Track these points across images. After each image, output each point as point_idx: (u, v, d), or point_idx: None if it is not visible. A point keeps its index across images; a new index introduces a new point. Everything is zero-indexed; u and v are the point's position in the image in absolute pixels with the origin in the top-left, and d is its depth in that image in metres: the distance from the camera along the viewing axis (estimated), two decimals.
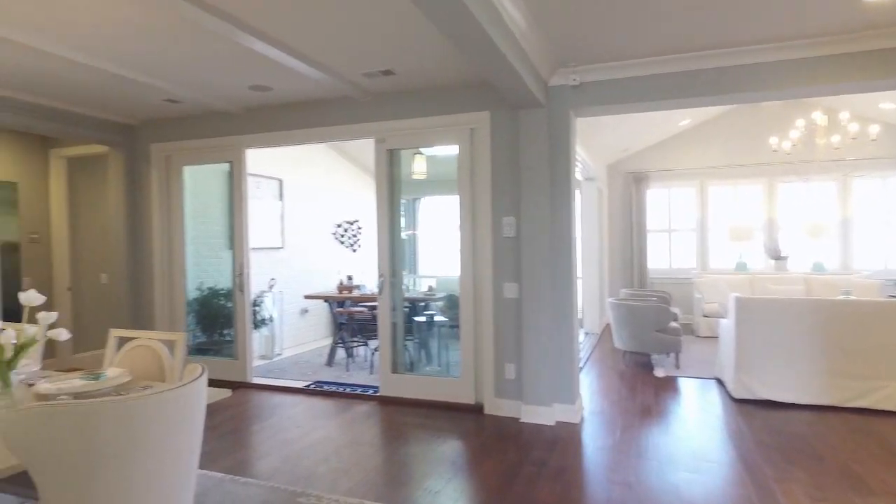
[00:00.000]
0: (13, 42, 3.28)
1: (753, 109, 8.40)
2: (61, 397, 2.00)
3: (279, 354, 6.74)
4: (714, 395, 4.65)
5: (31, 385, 2.27)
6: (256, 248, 6.64)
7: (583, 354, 6.38)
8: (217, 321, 5.66)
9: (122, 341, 2.72)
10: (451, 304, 5.37)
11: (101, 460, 1.46)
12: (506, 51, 2.94)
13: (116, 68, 3.80)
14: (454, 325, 4.71)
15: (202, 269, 5.71)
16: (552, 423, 3.96)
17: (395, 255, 4.66)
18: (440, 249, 7.96)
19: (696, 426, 3.88)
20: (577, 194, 9.36)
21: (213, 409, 4.36)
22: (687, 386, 5.00)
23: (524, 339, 4.04)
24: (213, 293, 5.68)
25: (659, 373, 5.46)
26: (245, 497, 2.81)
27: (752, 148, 8.47)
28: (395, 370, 4.61)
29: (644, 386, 5.01)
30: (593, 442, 3.59)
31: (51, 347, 5.94)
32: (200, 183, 5.62)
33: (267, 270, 6.83)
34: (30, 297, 1.96)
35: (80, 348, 6.08)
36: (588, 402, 4.51)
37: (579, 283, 8.86)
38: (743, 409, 4.23)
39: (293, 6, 2.89)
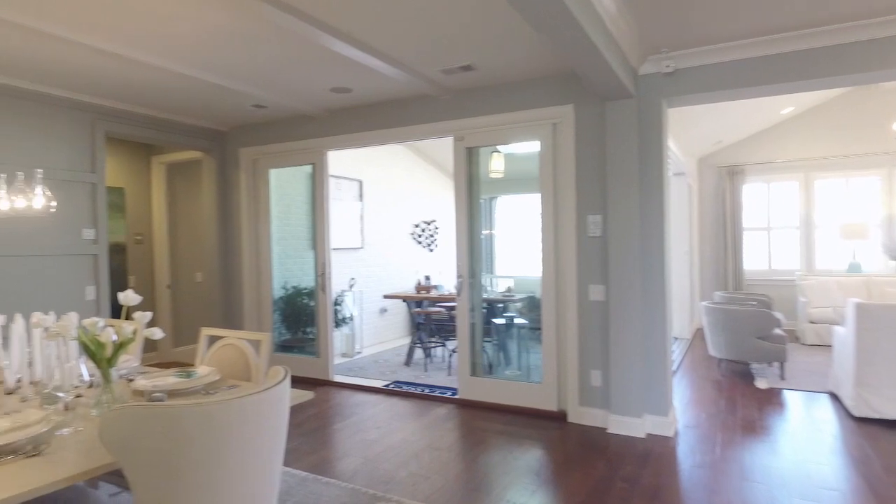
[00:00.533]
0: (120, 56, 3.49)
1: (869, 92, 7.54)
2: (155, 394, 2.05)
3: (359, 353, 6.85)
4: (828, 412, 4.17)
5: (130, 381, 2.37)
6: (337, 249, 6.79)
7: (673, 361, 5.98)
8: (301, 319, 5.82)
9: (213, 339, 2.79)
10: (532, 305, 5.20)
11: (186, 461, 1.45)
12: (597, 40, 2.75)
13: (208, 76, 3.97)
14: (535, 328, 4.54)
15: (287, 268, 5.89)
16: (643, 435, 3.70)
17: (474, 255, 4.55)
18: (518, 249, 7.78)
19: (809, 446, 3.48)
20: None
21: (297, 407, 4.46)
22: (795, 400, 4.53)
23: (611, 344, 3.80)
24: (297, 292, 5.84)
25: (761, 384, 5.00)
26: (327, 497, 2.81)
27: (867, 135, 7.61)
28: (473, 373, 4.51)
29: (745, 398, 4.59)
30: (690, 458, 3.31)
31: (151, 343, 6.36)
32: (286, 185, 5.80)
33: (347, 270, 6.97)
34: (127, 297, 2.03)
35: (180, 343, 6.46)
36: (682, 413, 4.19)
37: None
38: (865, 430, 3.75)
39: (371, 3, 2.85)
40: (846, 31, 3.23)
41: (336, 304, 6.38)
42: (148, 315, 2.05)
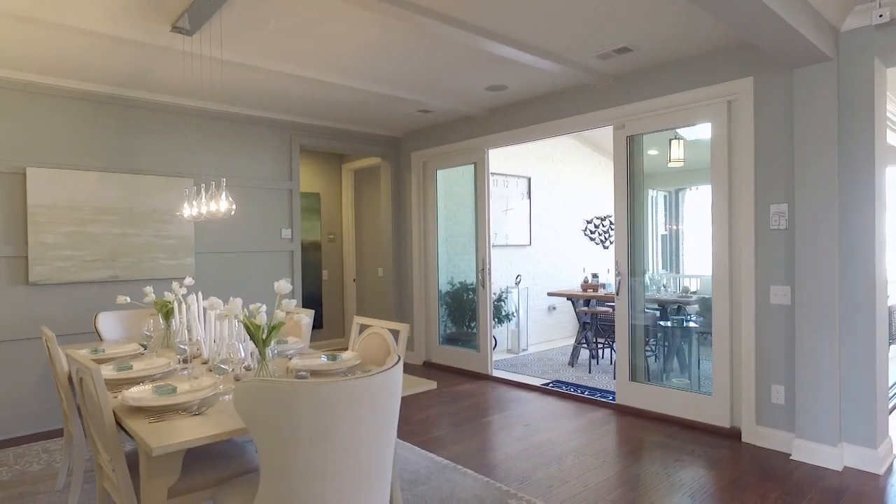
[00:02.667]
0: (304, 77, 4.01)
1: None
2: (301, 373, 2.33)
3: (525, 350, 6.85)
4: None
5: (289, 359, 2.72)
6: (505, 245, 6.88)
7: None
8: (465, 314, 6.03)
9: (363, 328, 3.06)
10: (707, 307, 4.64)
11: (298, 433, 1.62)
12: (772, 3, 2.36)
13: (376, 87, 4.33)
14: (707, 333, 4.05)
15: (454, 264, 6.15)
16: (838, 468, 3.06)
17: (635, 252, 4.23)
18: (701, 246, 6.99)
19: None
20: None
21: (452, 396, 4.65)
22: None
23: (797, 355, 3.21)
24: (463, 287, 6.07)
25: None
26: (461, 487, 2.88)
27: None
28: (633, 377, 4.20)
29: None
30: None
31: (338, 327, 7.18)
32: (454, 185, 6.06)
33: (514, 267, 7.02)
34: (280, 287, 2.33)
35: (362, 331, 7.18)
36: None
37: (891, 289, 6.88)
38: None
39: (518, 2, 2.84)
40: None
41: (499, 300, 6.47)
42: (293, 303, 2.32)
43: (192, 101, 4.55)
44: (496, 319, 6.37)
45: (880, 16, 2.87)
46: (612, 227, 8.46)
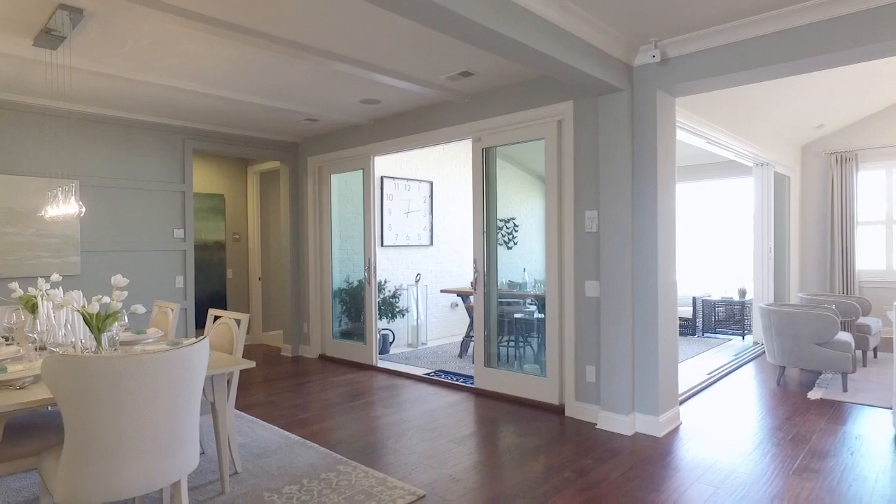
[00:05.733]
0: (174, 88, 4.29)
1: None
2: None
3: (424, 344, 7.29)
4: (871, 428, 3.69)
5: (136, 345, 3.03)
6: (406, 246, 7.31)
7: (728, 365, 5.56)
8: (361, 310, 6.41)
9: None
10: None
11: (95, 402, 1.96)
12: (547, 50, 2.90)
13: (253, 98, 4.66)
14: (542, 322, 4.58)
15: (355, 263, 6.51)
16: (629, 433, 3.64)
17: (490, 250, 4.74)
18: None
19: (792, 455, 3.17)
20: (710, 185, 8.15)
21: (333, 385, 5.02)
22: (840, 412, 4.04)
23: (602, 340, 3.78)
24: (360, 285, 6.44)
25: (814, 395, 4.50)
26: (302, 457, 3.26)
27: None
28: (488, 364, 4.70)
29: (784, 407, 4.20)
30: (659, 460, 3.22)
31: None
32: (354, 188, 6.42)
33: (415, 266, 7.45)
34: (117, 280, 2.65)
35: (269, 328, 7.46)
36: (694, 417, 3.99)
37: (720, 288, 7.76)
38: None
39: (370, 34, 3.24)
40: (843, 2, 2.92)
41: (394, 297, 6.89)
42: (125, 293, 2.64)
43: (73, 105, 4.73)
44: (390, 315, 6.78)
45: (653, 56, 3.46)
46: (516, 228, 9.06)
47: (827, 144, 7.52)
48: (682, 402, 4.35)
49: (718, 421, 3.92)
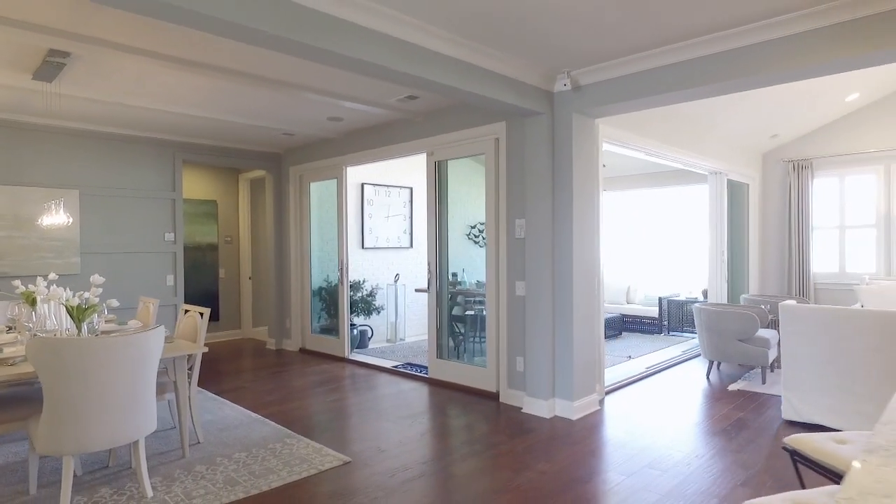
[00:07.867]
0: (183, 114, 4.88)
1: None
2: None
3: (402, 339, 7.83)
4: (760, 413, 4.13)
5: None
6: (387, 248, 7.84)
7: (671, 360, 6.00)
8: (337, 307, 6.96)
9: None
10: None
11: (67, 375, 2.52)
12: (459, 84, 3.41)
13: (231, 117, 5.23)
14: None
15: (334, 264, 7.06)
16: (548, 416, 4.13)
17: (442, 253, 5.25)
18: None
19: (684, 427, 3.63)
20: (667, 192, 8.56)
21: (307, 374, 5.57)
22: (745, 401, 4.48)
23: (527, 333, 4.28)
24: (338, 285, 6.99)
25: (733, 387, 4.94)
26: (258, 432, 3.80)
27: None
28: (440, 355, 5.22)
29: (701, 397, 4.65)
30: (566, 438, 3.71)
31: (234, 320, 8.00)
32: (334, 195, 6.96)
33: (395, 266, 7.99)
34: (95, 279, 3.21)
35: (258, 323, 8.04)
36: (616, 405, 4.46)
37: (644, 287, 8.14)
38: (788, 430, 3.74)
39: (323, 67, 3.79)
40: (737, 35, 3.38)
41: (370, 295, 7.43)
42: (100, 290, 3.20)
43: (70, 122, 5.33)
44: (367, 312, 7.32)
45: (565, 84, 3.95)
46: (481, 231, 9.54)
47: (785, 153, 7.90)
48: (611, 392, 4.81)
49: (636, 408, 4.39)
